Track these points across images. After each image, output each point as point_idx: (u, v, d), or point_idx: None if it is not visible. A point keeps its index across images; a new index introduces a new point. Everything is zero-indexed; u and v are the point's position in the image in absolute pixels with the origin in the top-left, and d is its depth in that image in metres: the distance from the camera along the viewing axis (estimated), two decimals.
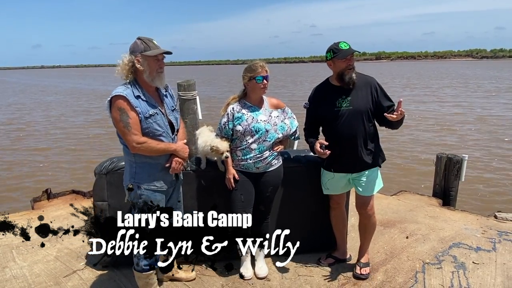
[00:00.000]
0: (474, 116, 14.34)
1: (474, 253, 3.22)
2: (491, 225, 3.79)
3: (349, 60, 2.53)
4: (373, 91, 2.61)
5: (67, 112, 18.02)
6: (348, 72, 2.54)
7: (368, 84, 2.63)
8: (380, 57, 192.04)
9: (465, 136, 10.96)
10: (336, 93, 2.63)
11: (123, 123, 2.14)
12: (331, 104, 2.62)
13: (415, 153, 9.19)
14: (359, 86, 2.60)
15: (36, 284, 2.79)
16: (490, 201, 6.05)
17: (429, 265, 3.02)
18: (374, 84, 2.63)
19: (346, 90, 2.60)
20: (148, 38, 2.23)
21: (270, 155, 2.69)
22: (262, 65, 2.57)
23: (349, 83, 2.56)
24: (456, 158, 4.54)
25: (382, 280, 2.82)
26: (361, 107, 2.58)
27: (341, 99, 2.60)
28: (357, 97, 2.59)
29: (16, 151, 10.26)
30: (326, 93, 2.69)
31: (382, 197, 4.70)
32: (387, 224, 3.83)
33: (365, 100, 2.59)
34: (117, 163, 2.82)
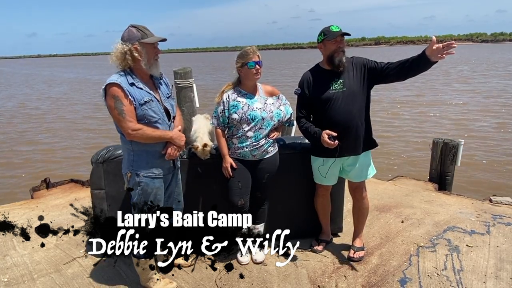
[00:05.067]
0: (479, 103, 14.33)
1: (468, 236, 3.27)
2: (486, 209, 3.84)
3: (339, 42, 2.53)
4: (362, 66, 2.61)
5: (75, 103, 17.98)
6: (338, 55, 2.54)
7: (356, 63, 2.63)
8: (379, 42, 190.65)
9: (465, 121, 10.99)
10: (328, 76, 2.62)
11: (117, 111, 2.16)
12: (325, 87, 2.61)
13: (412, 138, 9.22)
14: (349, 67, 2.61)
15: (36, 272, 2.83)
16: (485, 185, 6.11)
17: (424, 248, 3.07)
18: (361, 60, 2.64)
19: (338, 73, 2.60)
20: (142, 25, 2.24)
21: (266, 143, 2.70)
22: (253, 50, 2.56)
23: (339, 66, 2.56)
24: (452, 143, 4.57)
25: (376, 263, 2.87)
26: (354, 88, 2.58)
27: (334, 82, 2.59)
28: (350, 78, 2.59)
29: (23, 141, 10.28)
30: (317, 78, 2.67)
31: (379, 182, 4.75)
32: (383, 209, 3.88)
33: (357, 81, 2.59)
34: (114, 151, 2.84)
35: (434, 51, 2.26)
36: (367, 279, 2.67)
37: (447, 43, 2.24)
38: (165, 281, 2.59)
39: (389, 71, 2.51)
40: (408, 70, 2.44)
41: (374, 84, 2.66)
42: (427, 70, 2.40)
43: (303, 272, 2.77)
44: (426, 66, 2.36)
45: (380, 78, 2.59)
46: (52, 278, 2.75)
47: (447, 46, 2.23)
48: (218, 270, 2.75)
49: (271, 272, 2.78)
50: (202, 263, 2.74)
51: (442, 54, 2.25)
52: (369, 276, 2.71)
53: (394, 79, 2.57)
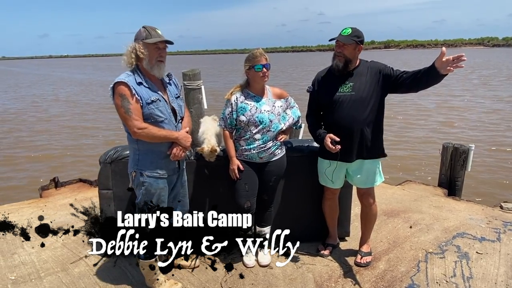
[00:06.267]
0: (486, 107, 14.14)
1: (478, 243, 3.21)
2: (496, 216, 3.78)
3: (340, 46, 2.50)
4: (377, 72, 2.55)
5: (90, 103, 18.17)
6: (336, 58, 2.53)
7: (372, 68, 2.58)
8: (389, 45, 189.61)
9: (474, 125, 10.84)
10: (338, 78, 2.59)
11: (124, 109, 2.18)
12: (333, 89, 2.59)
13: (421, 143, 9.12)
14: (363, 72, 2.57)
15: (44, 270, 2.85)
16: (496, 192, 6.01)
17: (432, 254, 3.03)
18: (378, 65, 2.59)
19: (349, 76, 2.57)
20: (152, 27, 2.26)
21: (274, 145, 2.69)
22: (261, 53, 2.55)
23: (334, 69, 2.56)
24: (463, 148, 4.50)
25: (384, 269, 2.83)
26: (363, 94, 2.53)
27: (344, 85, 2.57)
28: (360, 83, 2.55)
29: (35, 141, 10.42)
30: (328, 78, 2.66)
31: (387, 186, 4.70)
32: (391, 214, 3.84)
33: (368, 86, 2.54)
34: (122, 152, 2.85)
35: (443, 63, 2.20)
36: (374, 285, 2.64)
37: (457, 55, 2.17)
38: (170, 282, 2.59)
39: (403, 80, 2.45)
40: (419, 81, 2.38)
41: (388, 93, 2.59)
42: (438, 82, 2.33)
43: (309, 276, 2.74)
44: (437, 79, 2.29)
45: (393, 87, 2.52)
46: (59, 277, 2.76)
47: (457, 58, 2.17)
48: (224, 272, 2.75)
49: (277, 275, 2.76)
50: (203, 264, 2.75)
51: (451, 66, 2.18)
52: (376, 282, 2.67)
53: (406, 90, 2.51)
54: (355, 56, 2.55)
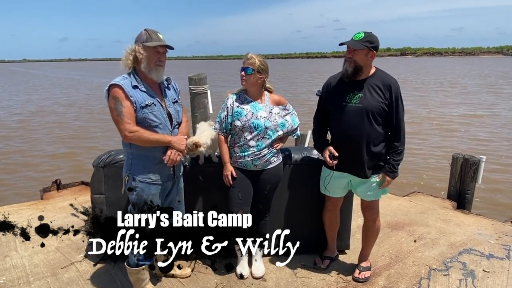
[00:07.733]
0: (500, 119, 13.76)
1: (486, 260, 3.04)
2: (507, 231, 3.59)
3: (349, 51, 2.35)
4: (390, 96, 2.38)
5: None
6: (345, 62, 2.40)
7: (387, 85, 2.39)
8: (405, 52, 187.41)
9: (485, 136, 10.52)
10: (348, 87, 2.44)
11: (116, 112, 2.13)
12: (341, 97, 2.46)
13: (431, 153, 8.88)
14: (376, 84, 2.39)
15: (33, 275, 2.81)
16: (508, 206, 5.76)
17: (436, 271, 2.87)
18: (395, 89, 2.38)
19: (359, 86, 2.41)
20: (154, 30, 2.22)
21: (269, 153, 2.60)
22: (247, 56, 2.50)
23: (344, 73, 2.43)
24: (473, 159, 4.32)
25: (383, 285, 2.70)
26: (370, 107, 2.37)
27: (352, 94, 2.42)
28: (370, 95, 2.39)
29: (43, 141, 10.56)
30: (338, 85, 2.52)
31: (393, 197, 4.54)
32: (395, 226, 3.69)
33: (377, 100, 2.37)
34: (115, 156, 2.80)
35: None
36: None
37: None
38: None
39: (389, 131, 2.45)
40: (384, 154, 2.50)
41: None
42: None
43: None
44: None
45: (384, 119, 2.43)
46: (47, 282, 2.71)
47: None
48: (215, 283, 2.66)
49: (270, 287, 2.66)
50: (200, 270, 2.67)
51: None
52: None
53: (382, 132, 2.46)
54: (367, 64, 2.38)
